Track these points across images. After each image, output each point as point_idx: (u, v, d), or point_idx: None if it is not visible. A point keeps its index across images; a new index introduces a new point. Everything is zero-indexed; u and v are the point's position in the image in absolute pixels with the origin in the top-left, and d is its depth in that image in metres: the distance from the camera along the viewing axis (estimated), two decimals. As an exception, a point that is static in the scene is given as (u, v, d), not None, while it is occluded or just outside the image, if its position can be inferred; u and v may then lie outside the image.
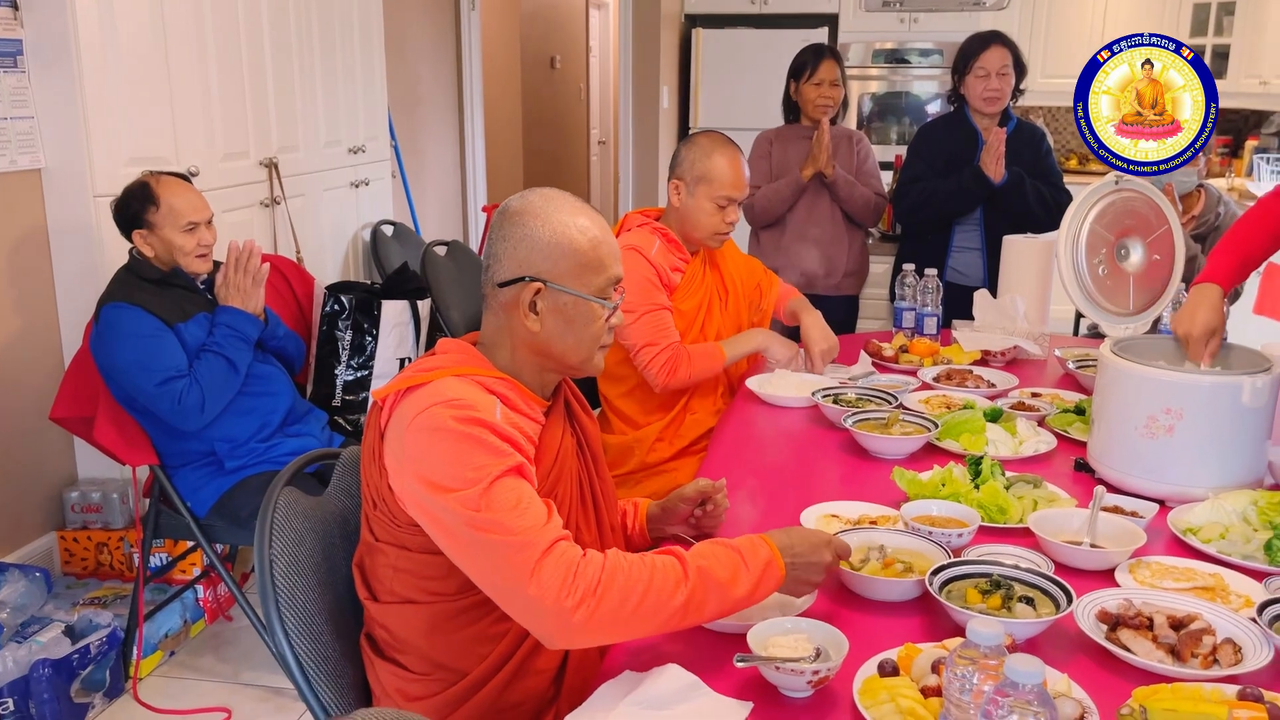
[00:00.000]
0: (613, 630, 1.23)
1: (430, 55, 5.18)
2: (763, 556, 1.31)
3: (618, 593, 1.21)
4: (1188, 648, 1.26)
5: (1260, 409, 1.70)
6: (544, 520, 1.25)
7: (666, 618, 1.24)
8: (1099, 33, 6.29)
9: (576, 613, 1.19)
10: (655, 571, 1.25)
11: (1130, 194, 2.03)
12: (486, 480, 1.25)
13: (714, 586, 1.26)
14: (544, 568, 1.21)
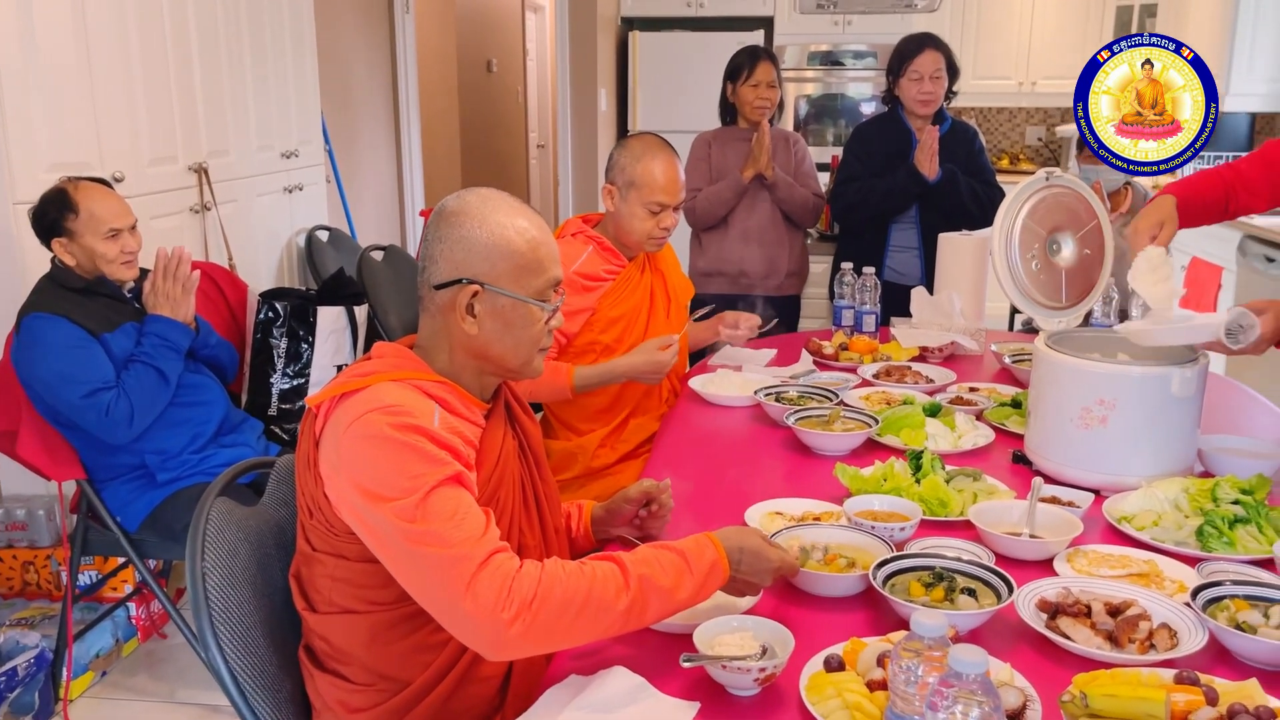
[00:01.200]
0: (551, 641, 1.22)
1: (364, 58, 5.11)
2: (708, 559, 1.30)
3: (555, 604, 1.19)
4: (1125, 634, 1.28)
5: (1189, 399, 1.74)
6: (480, 531, 1.23)
7: (607, 626, 1.23)
8: (1027, 35, 6.43)
9: (512, 626, 1.17)
10: (595, 581, 1.23)
11: (1060, 190, 2.07)
12: (423, 490, 1.22)
13: (656, 592, 1.25)
14: (479, 582, 1.18)
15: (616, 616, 1.23)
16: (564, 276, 2.23)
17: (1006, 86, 6.55)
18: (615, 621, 1.23)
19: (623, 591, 1.23)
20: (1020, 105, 6.79)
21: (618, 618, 1.23)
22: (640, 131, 2.55)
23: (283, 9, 3.98)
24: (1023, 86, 6.53)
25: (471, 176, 7.65)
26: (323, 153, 4.42)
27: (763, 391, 2.27)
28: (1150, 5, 5.97)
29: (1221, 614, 1.32)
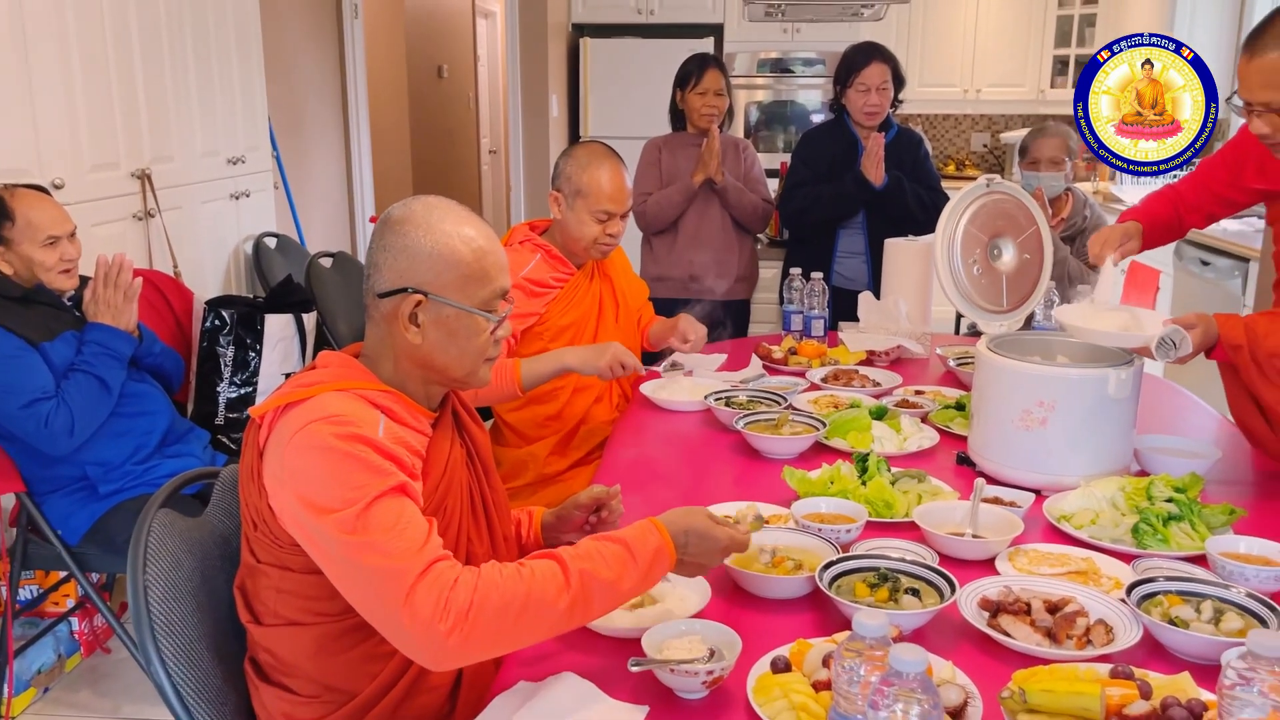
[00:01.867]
0: (493, 647, 1.20)
1: (312, 64, 5.06)
2: (652, 545, 1.29)
3: (492, 610, 1.18)
4: (1063, 630, 1.31)
5: (1125, 400, 1.79)
6: (421, 542, 1.21)
7: (551, 625, 1.22)
8: (971, 44, 6.55)
9: (450, 637, 1.16)
10: (534, 581, 1.21)
11: (1001, 196, 2.11)
12: (364, 501, 1.21)
13: (599, 585, 1.24)
14: (416, 594, 1.17)
15: (559, 615, 1.21)
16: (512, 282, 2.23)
17: (952, 94, 6.66)
18: (558, 620, 1.22)
19: (564, 589, 1.22)
20: (965, 112, 6.91)
21: (561, 616, 1.21)
22: (586, 139, 2.56)
23: (227, 14, 3.93)
24: (968, 94, 6.65)
25: (423, 182, 7.61)
26: (270, 159, 4.37)
27: (712, 396, 2.29)
28: (1089, 15, 6.11)
29: (1155, 609, 1.36)
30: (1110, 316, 1.83)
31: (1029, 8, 6.44)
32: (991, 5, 6.48)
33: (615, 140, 2.66)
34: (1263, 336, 1.69)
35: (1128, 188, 5.40)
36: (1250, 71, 1.75)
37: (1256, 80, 1.74)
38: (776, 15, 4.22)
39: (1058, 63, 6.42)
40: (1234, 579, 1.44)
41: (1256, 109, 1.76)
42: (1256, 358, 1.69)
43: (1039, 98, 6.55)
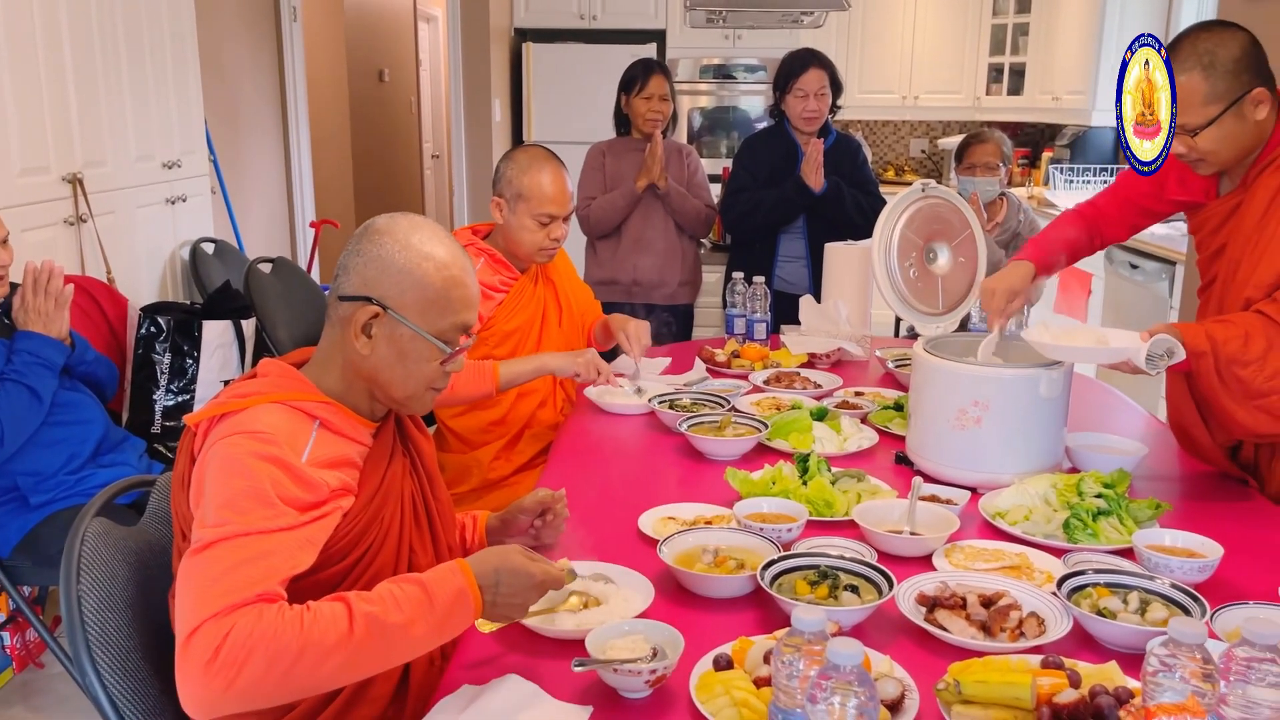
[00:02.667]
0: (261, 697, 1.12)
1: (250, 66, 4.99)
2: (453, 588, 1.21)
3: (262, 661, 1.10)
4: (997, 623, 1.35)
5: (1056, 399, 1.84)
6: (238, 588, 1.14)
7: (329, 675, 1.14)
8: (909, 51, 6.67)
9: (212, 685, 1.09)
10: (314, 629, 1.13)
11: (936, 201, 2.16)
12: (231, 532, 1.17)
13: (387, 631, 1.16)
14: (196, 638, 1.10)
15: (337, 665, 1.14)
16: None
17: (890, 100, 6.78)
18: (338, 670, 1.14)
19: (345, 637, 1.14)
20: (904, 118, 7.03)
21: (340, 666, 1.14)
22: (526, 143, 2.56)
23: (162, 16, 3.86)
24: (906, 100, 6.77)
25: (364, 187, 7.54)
26: (207, 163, 4.30)
27: (657, 399, 2.31)
28: (1023, 24, 6.25)
29: (1085, 601, 1.40)
30: (1080, 336, 1.86)
31: (964, 17, 6.57)
32: (928, 14, 6.60)
33: (558, 145, 2.67)
34: (1222, 343, 1.73)
35: (1060, 193, 5.54)
36: None
37: None
38: (718, 21, 4.26)
39: (993, 70, 6.56)
40: (1159, 571, 1.49)
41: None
42: (1218, 364, 1.73)
43: (975, 104, 6.69)
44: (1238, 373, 1.73)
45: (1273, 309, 1.73)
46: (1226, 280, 1.87)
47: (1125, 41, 5.78)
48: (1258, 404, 1.74)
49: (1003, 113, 6.44)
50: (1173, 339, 1.72)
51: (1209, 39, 1.76)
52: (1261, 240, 1.79)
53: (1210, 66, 1.74)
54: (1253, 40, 1.77)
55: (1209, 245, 1.93)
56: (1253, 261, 1.80)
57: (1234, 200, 1.86)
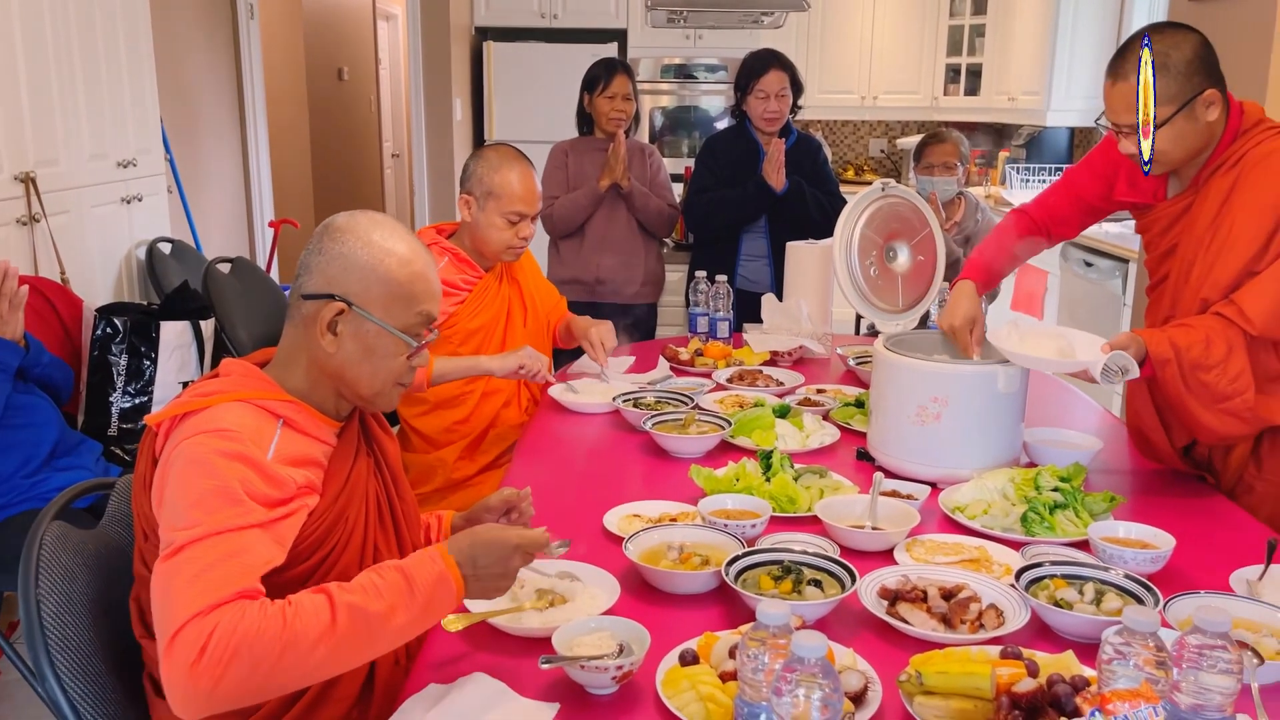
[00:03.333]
0: (249, 694, 1.13)
1: (207, 65, 4.93)
2: (433, 573, 1.22)
3: (247, 659, 1.10)
4: (957, 615, 1.37)
5: (1014, 394, 1.87)
6: (217, 586, 1.14)
7: (314, 668, 1.15)
8: (868, 52, 6.73)
9: (199, 684, 1.09)
10: (297, 622, 1.14)
11: (895, 200, 2.19)
12: (204, 531, 1.17)
13: (370, 620, 1.17)
14: (180, 637, 1.10)
15: (323, 657, 1.15)
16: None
17: (850, 100, 6.83)
18: (324, 661, 1.15)
19: (330, 628, 1.15)
20: (864, 118, 7.09)
21: (325, 657, 1.15)
22: (495, 142, 2.55)
23: (116, 13, 3.80)
24: (865, 100, 6.82)
25: (324, 186, 7.48)
26: (163, 162, 4.24)
27: (621, 398, 2.32)
28: (979, 25, 6.33)
29: (1042, 593, 1.43)
30: (1046, 342, 1.89)
31: (922, 18, 6.64)
32: (886, 15, 6.67)
33: (520, 144, 2.66)
34: (1185, 349, 1.76)
35: (1017, 192, 5.62)
36: (1115, 95, 1.83)
37: (1121, 104, 1.82)
38: (679, 21, 4.27)
39: (950, 71, 6.64)
40: (1114, 562, 1.52)
41: (1124, 131, 1.84)
42: (1183, 370, 1.76)
43: (933, 105, 6.76)
44: (1202, 377, 1.75)
45: (1231, 311, 1.77)
46: (1179, 280, 1.90)
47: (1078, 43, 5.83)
48: (1223, 407, 1.77)
49: (960, 113, 6.52)
50: (1128, 358, 1.74)
51: (1161, 41, 1.79)
52: (1215, 241, 1.83)
53: (1163, 68, 1.77)
54: (1204, 42, 1.81)
55: (1159, 245, 1.97)
56: (1207, 262, 1.84)
57: (1184, 201, 1.90)
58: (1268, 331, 1.75)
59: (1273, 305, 1.75)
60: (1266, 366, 1.78)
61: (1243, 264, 1.79)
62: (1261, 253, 1.78)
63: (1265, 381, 1.78)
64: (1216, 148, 1.85)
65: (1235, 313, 1.76)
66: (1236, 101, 1.87)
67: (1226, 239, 1.81)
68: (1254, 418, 1.78)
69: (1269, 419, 1.79)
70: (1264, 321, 1.75)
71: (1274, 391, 1.79)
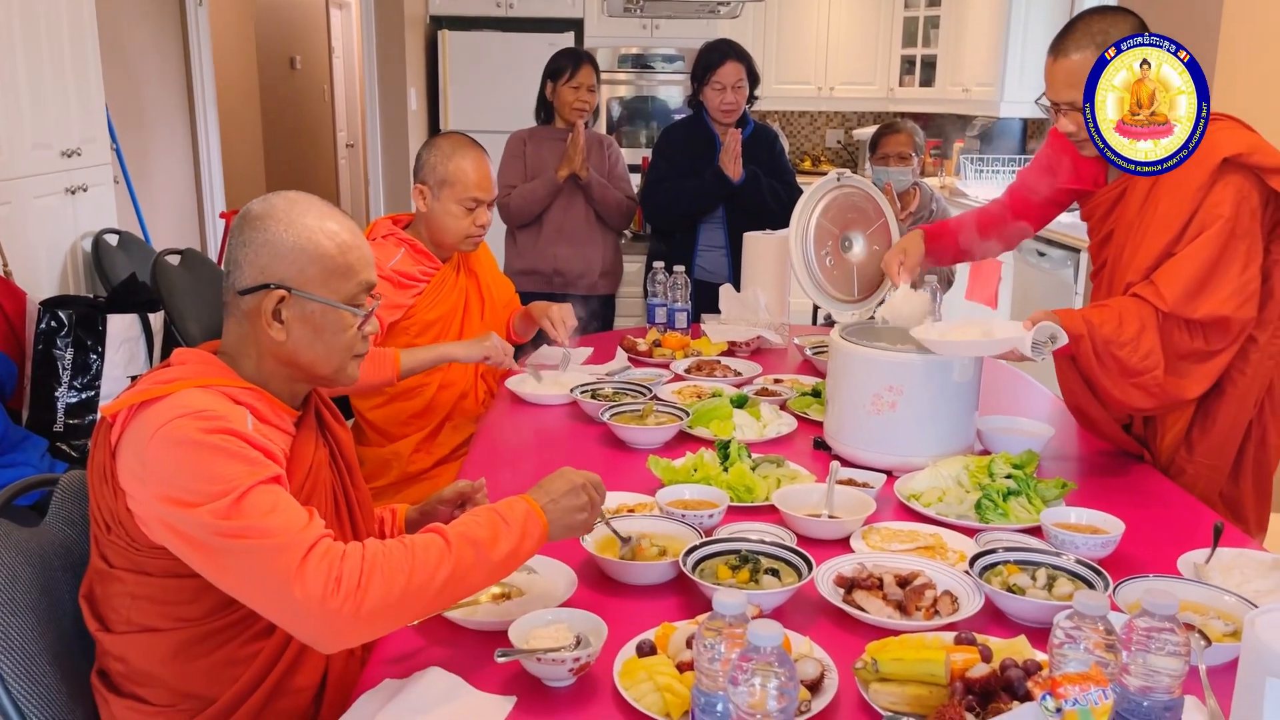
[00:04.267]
0: (385, 619, 1.20)
1: (154, 52, 4.84)
2: (520, 510, 1.31)
3: (381, 581, 1.17)
4: (912, 602, 1.38)
5: (967, 383, 1.89)
6: (304, 522, 1.20)
7: (436, 592, 1.22)
8: (824, 43, 6.75)
9: (343, 610, 1.15)
10: (417, 549, 1.22)
11: (851, 190, 2.20)
12: (238, 491, 1.18)
13: (476, 547, 1.24)
14: (308, 568, 1.15)
15: (443, 581, 1.21)
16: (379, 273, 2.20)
17: (806, 91, 6.86)
18: (444, 587, 1.22)
19: (446, 553, 1.23)
20: (820, 109, 7.12)
21: (445, 582, 1.22)
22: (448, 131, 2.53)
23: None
24: (821, 91, 6.85)
25: (276, 176, 7.37)
26: (110, 151, 4.15)
27: (579, 389, 2.31)
28: (933, 17, 6.39)
29: (996, 579, 1.44)
30: (967, 329, 1.91)
31: (877, 9, 6.68)
32: (842, 6, 6.70)
33: (476, 134, 2.64)
34: (1098, 326, 1.81)
35: (971, 182, 5.68)
36: (1056, 72, 1.87)
37: (1061, 80, 1.87)
38: (635, 11, 4.25)
39: (905, 62, 6.68)
40: (1065, 547, 1.54)
41: (1063, 108, 1.88)
42: (1095, 346, 1.81)
43: (889, 96, 6.81)
44: (1115, 353, 1.81)
45: (1148, 291, 1.82)
46: (1114, 265, 1.95)
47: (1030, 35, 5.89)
48: (1133, 382, 1.82)
49: (915, 104, 6.57)
50: (1054, 325, 1.79)
51: (1102, 20, 1.84)
52: (1141, 225, 1.88)
53: (1103, 46, 1.81)
54: (1142, 25, 1.85)
55: (1099, 231, 2.01)
56: (1134, 246, 1.89)
57: (1120, 187, 1.95)
58: (1178, 309, 1.80)
59: (1185, 284, 1.80)
60: (1178, 346, 1.82)
61: (1162, 247, 1.84)
62: (1179, 235, 1.83)
63: (1177, 360, 1.83)
64: None
65: (1151, 291, 1.82)
66: None
67: (1151, 223, 1.86)
68: (1163, 394, 1.83)
69: (1179, 395, 1.84)
70: (1175, 299, 1.80)
71: (1185, 370, 1.84)
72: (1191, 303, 1.80)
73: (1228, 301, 1.80)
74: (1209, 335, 1.83)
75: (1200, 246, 1.80)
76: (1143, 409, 1.89)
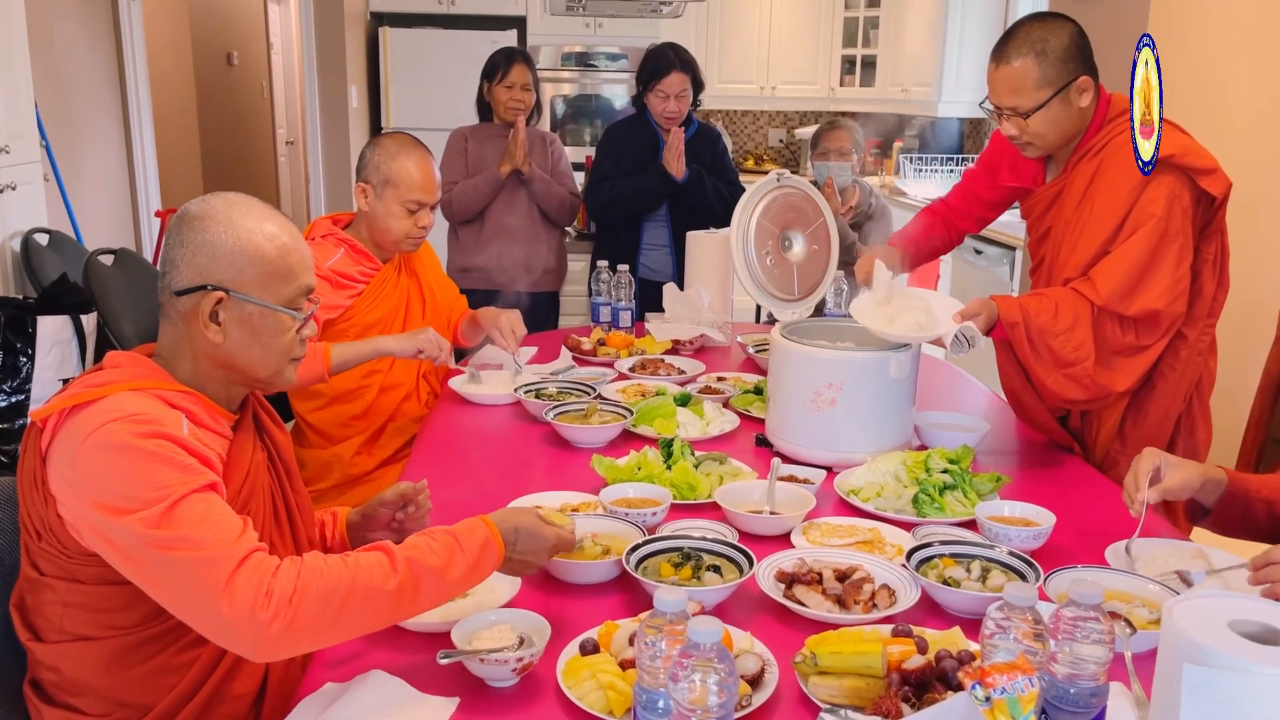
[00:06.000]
0: (318, 636, 1.18)
1: (85, 47, 4.72)
2: (480, 537, 1.29)
3: (317, 598, 1.16)
4: (851, 596, 1.41)
5: (905, 380, 1.92)
6: (237, 533, 1.18)
7: (375, 613, 1.20)
8: (766, 42, 6.81)
9: (274, 624, 1.13)
10: (359, 569, 1.20)
11: (790, 190, 2.23)
12: (170, 499, 1.16)
13: (426, 573, 1.23)
14: (237, 581, 1.14)
15: (385, 602, 1.20)
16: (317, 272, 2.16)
17: (749, 90, 6.91)
18: (384, 608, 1.20)
19: (390, 575, 1.20)
20: (762, 109, 7.18)
21: (387, 603, 1.20)
22: (389, 130, 2.51)
23: (-16, -9, 3.61)
24: (764, 91, 6.91)
25: (214, 174, 7.24)
26: (39, 149, 4.04)
27: (523, 389, 2.31)
28: (873, 18, 6.47)
29: (932, 572, 1.47)
30: (906, 316, 1.94)
31: (818, 10, 6.74)
32: (783, 6, 6.75)
33: (418, 131, 2.62)
34: (1034, 314, 1.87)
35: (910, 181, 5.77)
36: (997, 78, 1.92)
37: (1003, 86, 1.91)
38: (578, 10, 4.26)
39: (846, 62, 6.76)
40: (999, 540, 1.58)
41: (1005, 113, 1.93)
42: (1030, 334, 1.86)
43: (830, 95, 6.88)
44: (1049, 342, 1.86)
45: (1085, 286, 1.87)
46: (1052, 262, 2.01)
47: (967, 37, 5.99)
48: (1065, 372, 1.88)
49: (856, 103, 6.65)
50: (976, 330, 1.84)
51: (1041, 28, 1.89)
52: (1078, 223, 1.93)
53: (1042, 53, 1.86)
54: (1080, 31, 1.91)
55: (1037, 229, 2.07)
56: (1072, 243, 1.94)
57: (1057, 186, 2.00)
58: (1111, 304, 1.85)
59: (1120, 281, 1.85)
60: (1110, 340, 1.88)
61: (1098, 244, 1.89)
62: (1115, 234, 1.88)
63: (1109, 354, 1.88)
64: (1085, 135, 1.95)
65: (1087, 286, 1.87)
66: (1106, 92, 1.96)
67: (1087, 222, 1.92)
68: (1093, 385, 1.89)
69: (1110, 387, 1.90)
70: (1110, 294, 1.85)
71: (1115, 364, 1.90)
72: (1126, 299, 1.85)
73: (1160, 298, 1.85)
74: (1140, 330, 1.89)
75: (1134, 244, 1.85)
76: (1074, 400, 1.94)
